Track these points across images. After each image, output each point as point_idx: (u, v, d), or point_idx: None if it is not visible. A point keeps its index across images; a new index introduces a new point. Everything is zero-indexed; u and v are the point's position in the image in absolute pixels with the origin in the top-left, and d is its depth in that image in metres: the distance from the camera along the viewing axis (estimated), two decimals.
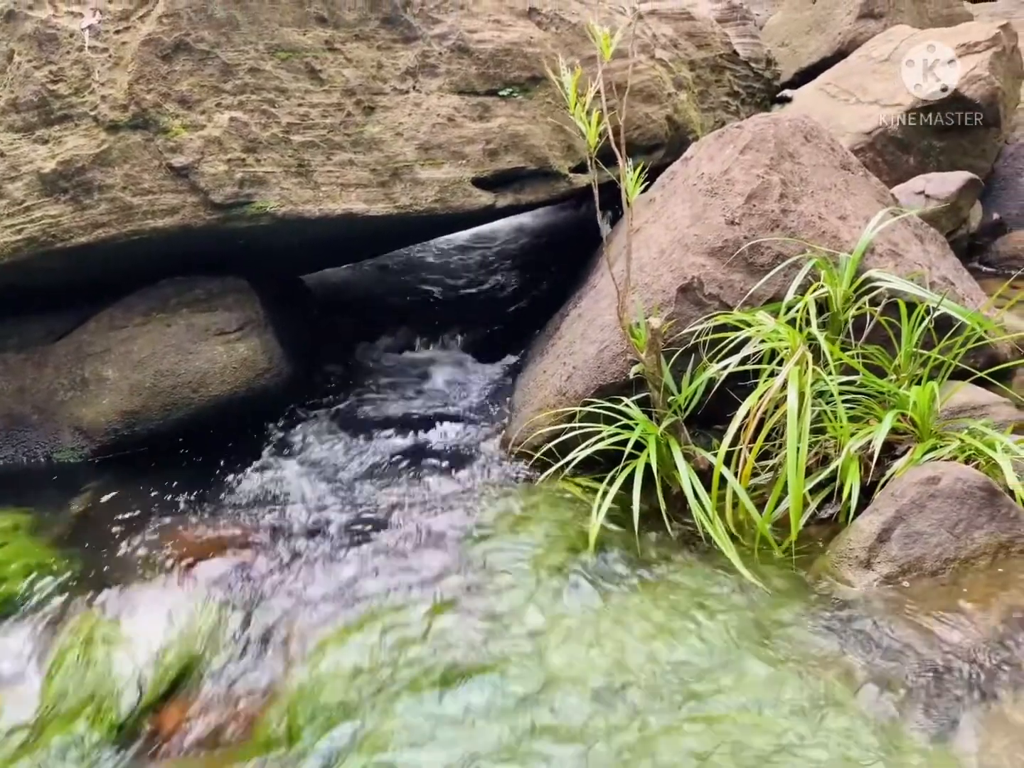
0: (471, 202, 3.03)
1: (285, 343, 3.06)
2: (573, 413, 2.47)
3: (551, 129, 3.21)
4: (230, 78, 2.72)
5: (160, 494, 2.60)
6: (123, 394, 2.75)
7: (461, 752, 1.59)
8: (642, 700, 1.67)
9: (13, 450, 2.85)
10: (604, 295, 2.82)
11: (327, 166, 2.84)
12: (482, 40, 3.12)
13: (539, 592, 2.02)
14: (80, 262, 2.77)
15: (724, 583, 1.98)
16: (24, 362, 2.91)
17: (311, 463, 2.78)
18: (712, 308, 2.37)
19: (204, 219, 2.68)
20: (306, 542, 2.31)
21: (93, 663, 1.94)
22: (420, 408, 3.21)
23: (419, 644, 1.89)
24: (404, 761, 1.59)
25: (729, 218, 2.44)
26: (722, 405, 2.31)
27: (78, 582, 2.24)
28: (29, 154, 2.64)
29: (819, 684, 1.64)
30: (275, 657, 1.90)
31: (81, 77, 2.64)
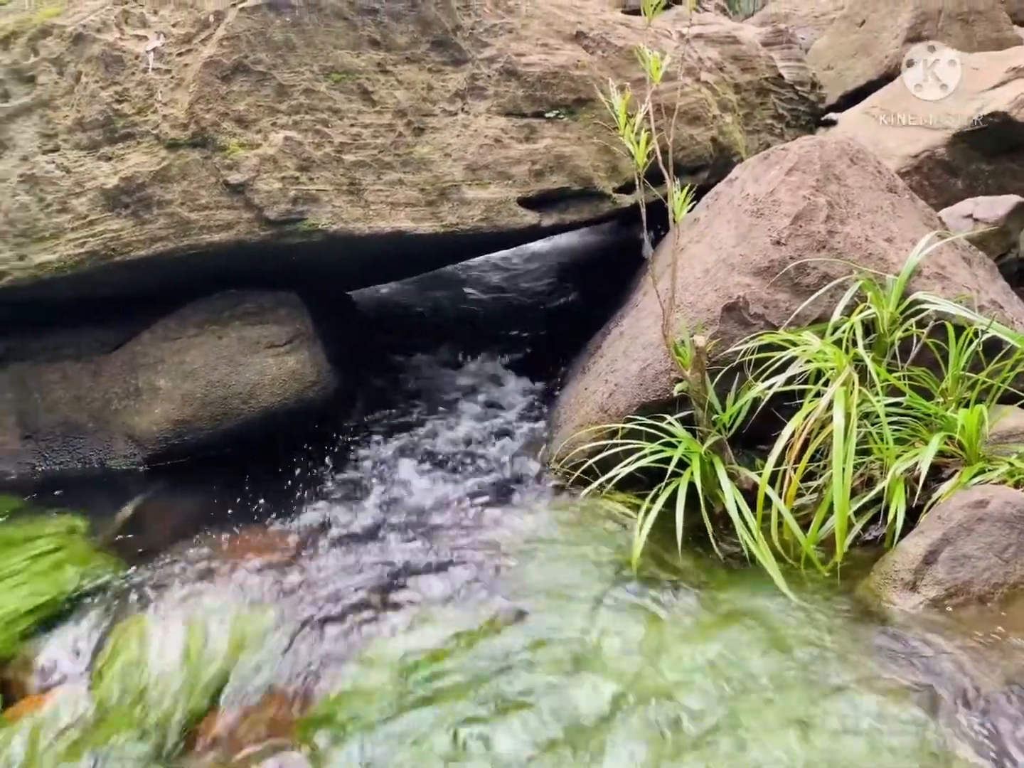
0: (516, 221, 3.08)
1: (332, 357, 3.12)
2: (615, 430, 2.49)
3: (596, 150, 3.25)
4: (285, 99, 2.80)
5: (208, 501, 2.66)
6: (175, 404, 2.83)
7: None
8: (674, 724, 1.66)
9: (69, 456, 2.94)
10: (646, 313, 2.84)
11: (377, 185, 2.90)
12: (530, 63, 3.18)
13: (580, 610, 2.02)
14: (138, 275, 2.86)
15: (768, 604, 1.97)
16: (81, 371, 3.00)
17: (355, 474, 2.82)
18: (757, 328, 2.38)
19: (258, 235, 2.76)
20: (349, 550, 2.34)
21: (142, 665, 1.99)
22: (461, 423, 3.24)
23: (458, 656, 1.91)
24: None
25: (775, 238, 2.45)
26: (766, 425, 2.32)
27: (128, 585, 2.30)
28: (93, 171, 2.74)
29: (865, 705, 1.62)
30: (318, 662, 1.93)
31: (144, 97, 2.74)
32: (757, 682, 1.72)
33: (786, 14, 6.29)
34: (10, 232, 2.76)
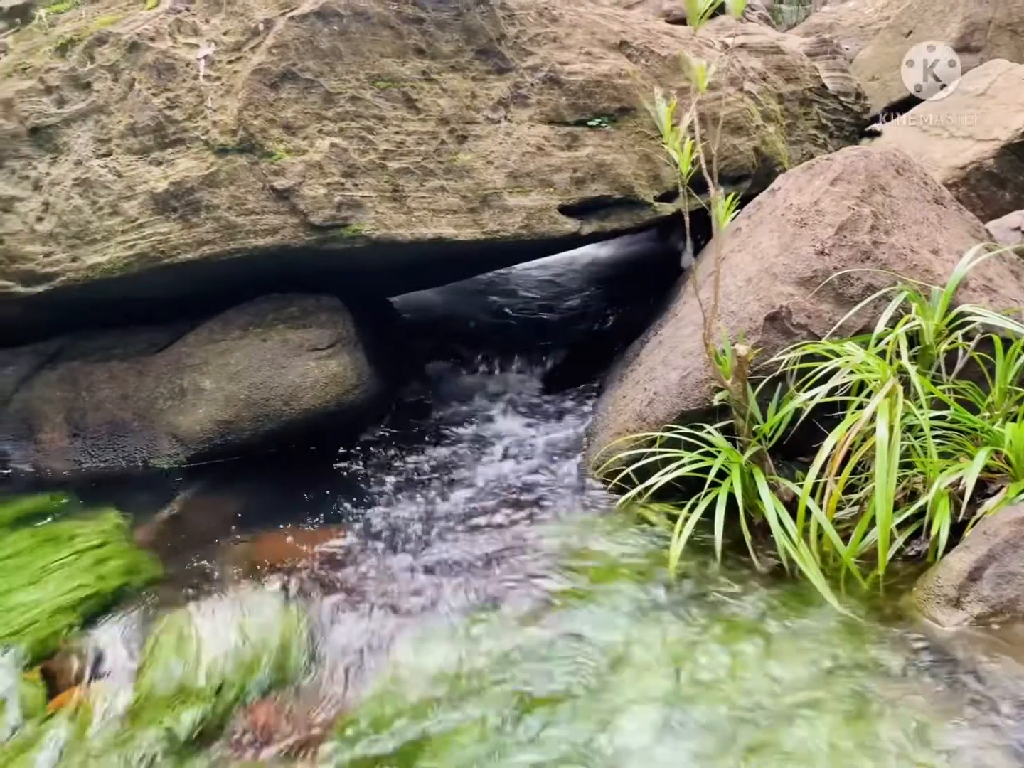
0: (557, 229, 3.09)
1: (372, 361, 3.15)
2: (653, 439, 2.48)
3: (638, 158, 3.26)
4: (332, 106, 2.85)
5: (249, 500, 2.70)
6: (219, 404, 2.88)
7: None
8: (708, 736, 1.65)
9: (114, 454, 3.01)
10: (686, 322, 2.83)
11: (420, 192, 2.93)
12: (573, 72, 3.19)
13: (616, 618, 2.02)
14: (184, 277, 2.92)
15: (808, 616, 1.95)
16: (127, 371, 3.07)
17: (393, 477, 2.85)
18: (799, 338, 2.36)
19: (303, 239, 2.80)
20: (388, 550, 2.37)
21: (182, 660, 2.02)
22: (497, 429, 3.25)
23: (493, 658, 1.91)
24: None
25: (819, 248, 2.43)
26: (807, 436, 2.29)
27: (169, 582, 2.34)
28: (144, 175, 2.80)
29: (908, 723, 1.60)
30: (356, 661, 1.94)
31: (195, 103, 2.80)
32: (792, 696, 1.70)
33: (830, 24, 6.25)
34: (63, 234, 2.84)
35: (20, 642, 2.12)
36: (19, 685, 2.01)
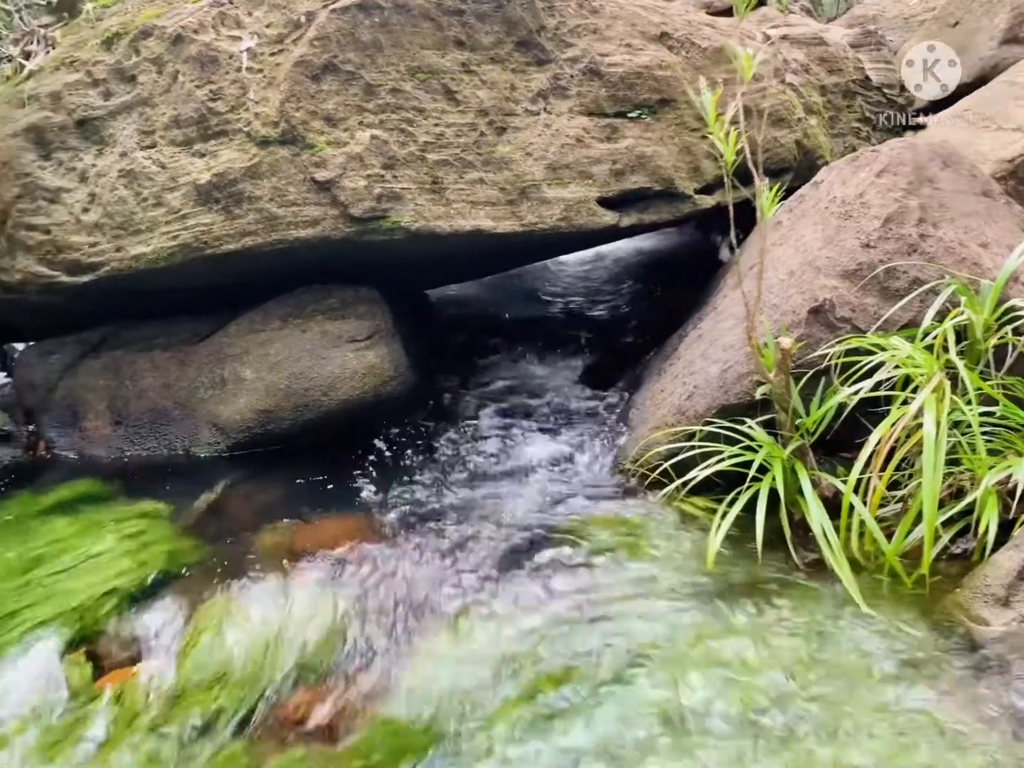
0: (595, 221, 3.07)
1: (409, 353, 3.16)
2: (692, 432, 2.46)
3: (678, 150, 3.23)
4: (372, 98, 2.86)
5: (289, 490, 2.73)
6: (259, 394, 2.91)
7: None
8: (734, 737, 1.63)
9: (156, 442, 3.05)
10: (726, 316, 2.80)
11: (459, 184, 2.93)
12: (613, 63, 3.17)
13: (653, 612, 2.01)
14: (226, 268, 2.95)
15: (849, 615, 1.92)
16: (169, 360, 3.11)
17: (430, 468, 2.86)
18: (843, 332, 2.32)
19: (343, 231, 2.81)
20: (425, 540, 2.38)
21: (222, 645, 2.04)
22: (533, 422, 3.24)
23: (527, 649, 1.91)
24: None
25: (864, 241, 2.39)
26: (849, 431, 2.26)
27: (209, 568, 2.37)
28: (187, 166, 2.84)
29: (955, 726, 1.57)
30: (395, 648, 1.95)
31: (237, 95, 2.82)
32: (832, 696, 1.68)
33: (874, 16, 6.14)
34: (108, 224, 2.88)
35: (66, 625, 2.16)
36: (65, 666, 2.06)
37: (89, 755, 1.80)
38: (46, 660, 2.06)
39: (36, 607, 2.25)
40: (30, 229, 2.94)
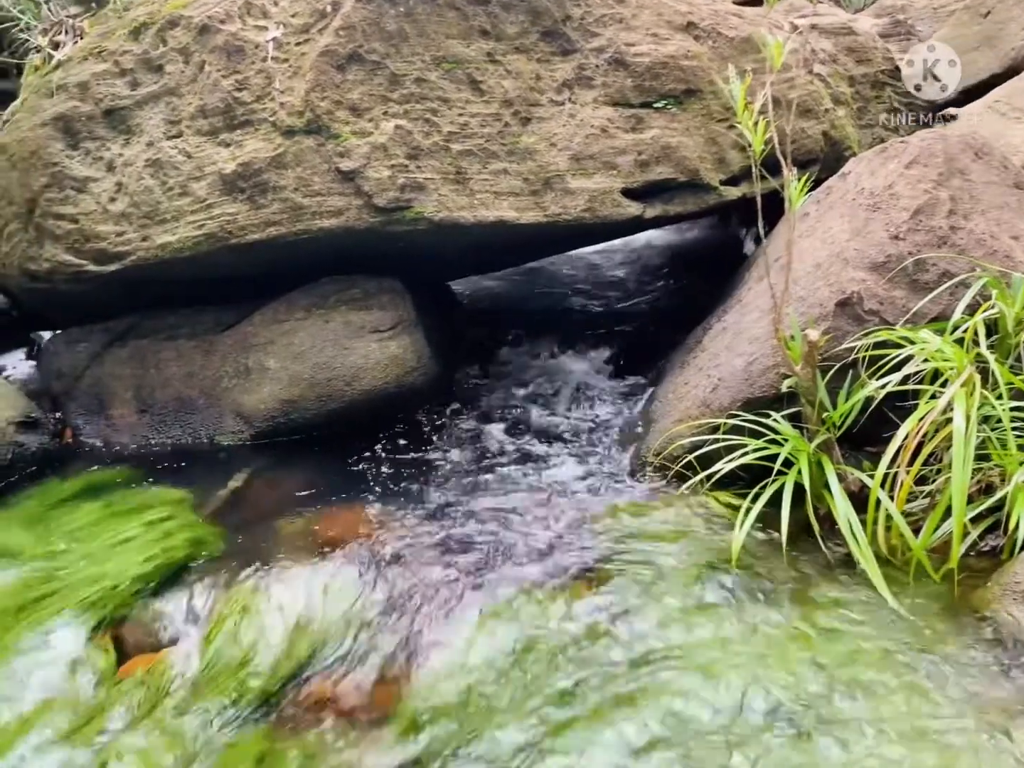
0: (619, 212, 3.05)
1: (432, 343, 3.16)
2: (715, 425, 2.44)
3: (703, 141, 3.20)
4: (397, 88, 2.85)
5: (311, 478, 2.74)
6: (283, 384, 2.92)
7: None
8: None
9: (180, 430, 3.08)
10: (751, 309, 2.78)
11: (483, 174, 2.92)
12: (639, 53, 3.14)
13: (675, 608, 1.99)
14: (250, 258, 2.96)
15: (875, 610, 1.90)
16: (194, 350, 3.13)
17: (451, 457, 2.87)
18: (871, 324, 2.29)
19: (366, 221, 2.82)
20: (445, 529, 2.39)
21: (246, 630, 2.06)
22: (554, 414, 3.24)
23: (547, 639, 1.91)
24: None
25: (893, 233, 2.36)
26: (876, 426, 2.24)
27: (234, 555, 2.39)
28: (213, 156, 2.85)
29: (982, 720, 1.55)
30: (416, 636, 1.96)
31: (263, 85, 2.83)
32: (858, 690, 1.67)
33: (903, 6, 6.05)
34: (135, 214, 2.90)
35: (92, 609, 2.19)
36: (91, 651, 2.08)
37: (114, 737, 1.82)
38: (72, 644, 2.09)
39: (62, 592, 2.28)
40: (58, 218, 2.97)
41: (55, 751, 1.81)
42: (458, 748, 1.64)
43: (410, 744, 1.66)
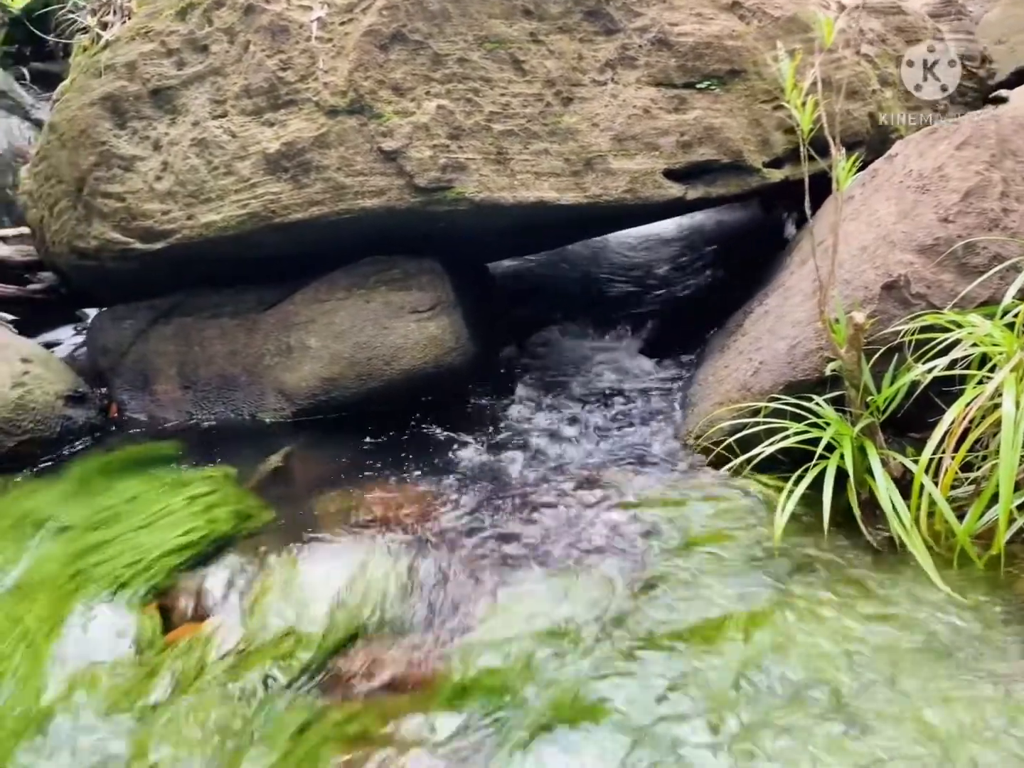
0: (661, 193, 3.03)
1: (470, 324, 3.17)
2: (756, 409, 2.43)
3: (747, 123, 3.16)
4: (440, 67, 2.85)
5: (351, 455, 2.77)
6: (323, 362, 2.96)
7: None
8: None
9: (223, 407, 3.13)
10: (794, 292, 2.75)
11: (523, 155, 2.92)
12: (683, 33, 3.11)
13: (718, 589, 1.99)
14: (293, 237, 2.99)
15: (917, 594, 1.89)
16: (237, 328, 3.18)
17: (488, 437, 2.88)
18: (917, 308, 2.26)
19: (408, 201, 2.83)
20: (483, 507, 2.41)
21: (288, 602, 2.10)
22: (592, 396, 3.24)
23: (585, 619, 1.92)
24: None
25: (942, 215, 2.32)
26: (920, 411, 2.21)
27: (276, 529, 2.43)
28: (257, 135, 2.87)
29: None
30: (456, 608, 1.98)
31: (307, 65, 2.84)
32: (902, 672, 1.65)
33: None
34: (180, 192, 2.94)
35: (138, 580, 2.24)
36: (137, 620, 2.13)
37: (159, 705, 1.86)
38: (119, 613, 2.14)
39: (109, 562, 2.33)
40: (106, 196, 3.02)
41: (102, 716, 1.85)
42: (501, 715, 1.66)
43: (454, 712, 1.68)
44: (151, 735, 1.75)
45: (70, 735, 1.77)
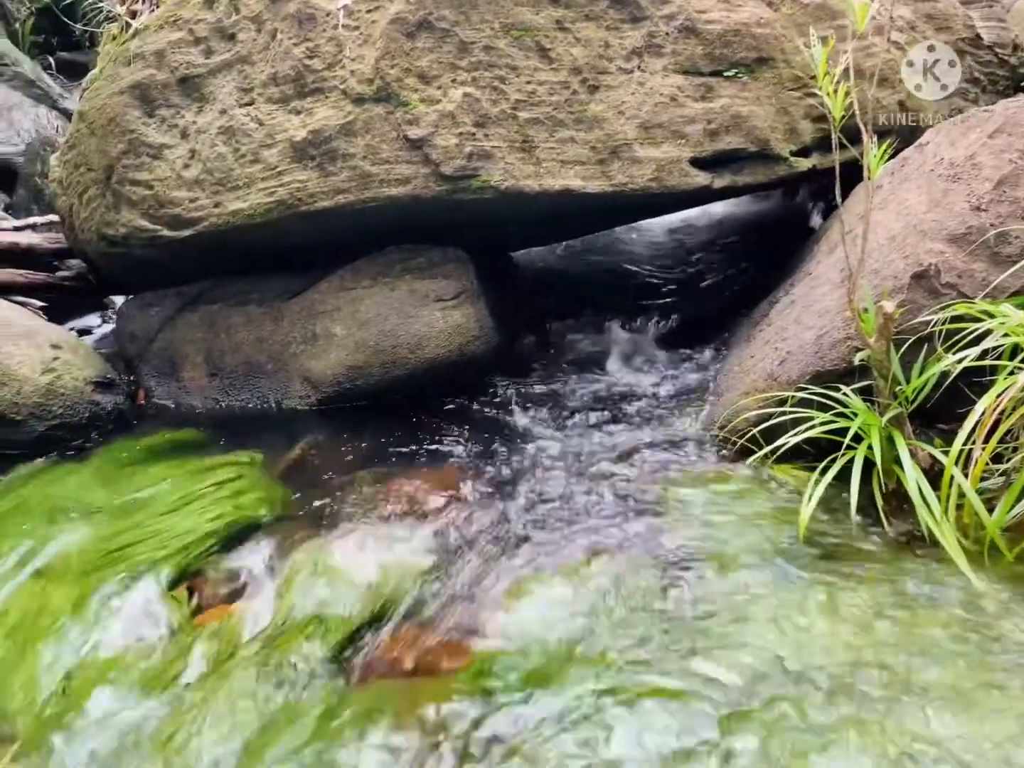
0: (687, 182, 3.01)
1: (494, 313, 3.18)
2: (782, 399, 2.41)
3: (775, 111, 3.13)
4: (466, 55, 2.85)
5: (375, 443, 2.79)
6: (349, 350, 2.97)
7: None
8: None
9: (249, 394, 3.15)
10: (822, 281, 2.73)
11: (549, 143, 2.91)
12: (711, 20, 3.08)
13: (740, 574, 1.99)
14: (318, 225, 3.00)
15: (945, 586, 1.87)
16: (263, 316, 3.20)
17: (512, 425, 2.89)
18: (947, 298, 2.23)
19: (433, 190, 2.83)
20: (506, 493, 2.42)
21: (316, 585, 2.12)
22: (616, 386, 3.23)
23: (610, 604, 1.92)
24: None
25: (974, 204, 2.29)
26: (949, 401, 2.19)
27: (302, 514, 2.46)
28: (284, 123, 2.89)
29: None
30: (481, 596, 1.99)
31: (334, 53, 2.85)
32: (926, 664, 1.65)
33: None
34: (208, 180, 2.96)
35: (166, 563, 2.27)
36: (167, 602, 2.16)
37: (189, 687, 1.88)
38: (149, 596, 2.17)
39: (139, 546, 2.36)
40: (134, 184, 3.05)
41: (133, 695, 1.88)
42: (530, 696, 1.67)
43: (482, 694, 1.70)
44: (182, 715, 1.77)
45: (105, 713, 1.80)
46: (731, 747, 1.50)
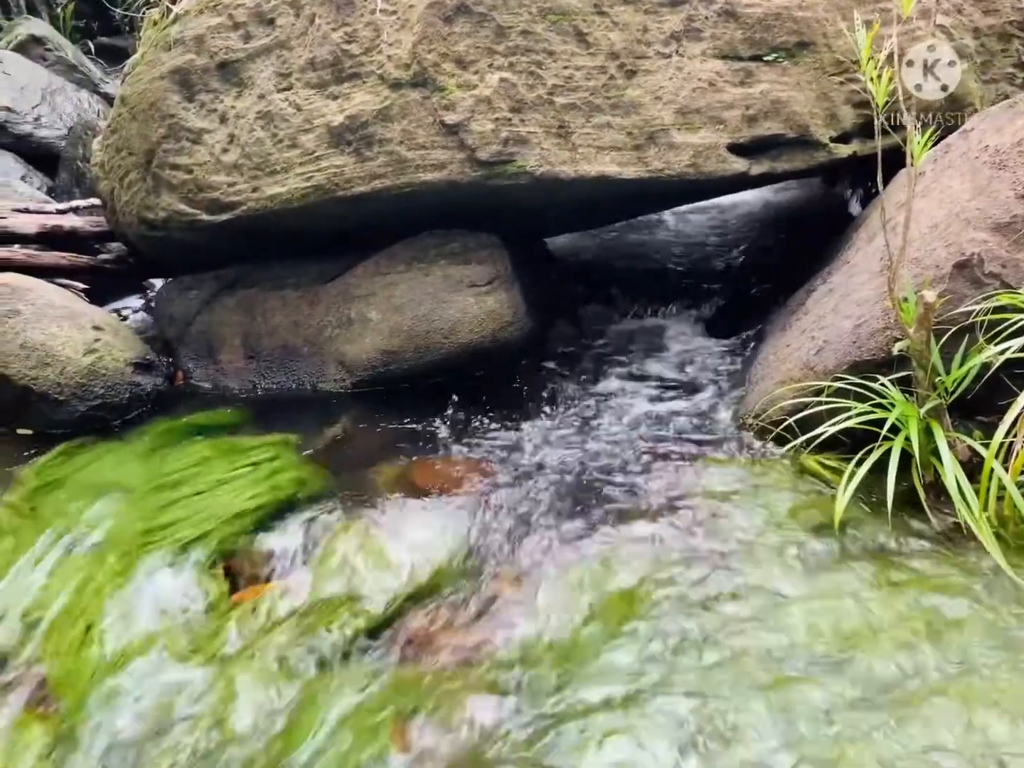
0: (724, 168, 2.98)
1: (528, 299, 3.18)
2: (818, 388, 2.39)
3: (815, 96, 3.09)
4: (503, 40, 2.84)
5: (408, 427, 2.81)
6: (383, 335, 3.00)
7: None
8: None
9: (285, 377, 3.19)
10: (860, 270, 2.69)
11: (585, 128, 2.90)
12: (751, 3, 3.04)
13: (776, 564, 1.99)
14: (355, 210, 3.02)
15: (985, 582, 1.85)
16: (300, 300, 3.23)
17: (545, 412, 2.89)
18: (990, 288, 2.20)
19: (468, 175, 2.83)
20: (539, 480, 2.43)
21: (349, 567, 2.15)
22: (649, 373, 3.22)
23: (643, 597, 1.93)
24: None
25: (1020, 192, 2.25)
26: (990, 393, 2.16)
27: (336, 496, 2.48)
28: (321, 108, 2.90)
29: None
30: (513, 580, 2.01)
31: (371, 38, 2.86)
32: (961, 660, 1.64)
33: None
34: (246, 165, 2.99)
35: (203, 542, 2.31)
36: (203, 580, 2.20)
37: (225, 663, 1.92)
38: (187, 574, 2.22)
39: (177, 524, 2.41)
40: (174, 168, 3.09)
41: (170, 671, 1.93)
42: (560, 681, 1.69)
43: (511, 678, 1.72)
44: (221, 683, 1.82)
45: (146, 679, 1.85)
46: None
